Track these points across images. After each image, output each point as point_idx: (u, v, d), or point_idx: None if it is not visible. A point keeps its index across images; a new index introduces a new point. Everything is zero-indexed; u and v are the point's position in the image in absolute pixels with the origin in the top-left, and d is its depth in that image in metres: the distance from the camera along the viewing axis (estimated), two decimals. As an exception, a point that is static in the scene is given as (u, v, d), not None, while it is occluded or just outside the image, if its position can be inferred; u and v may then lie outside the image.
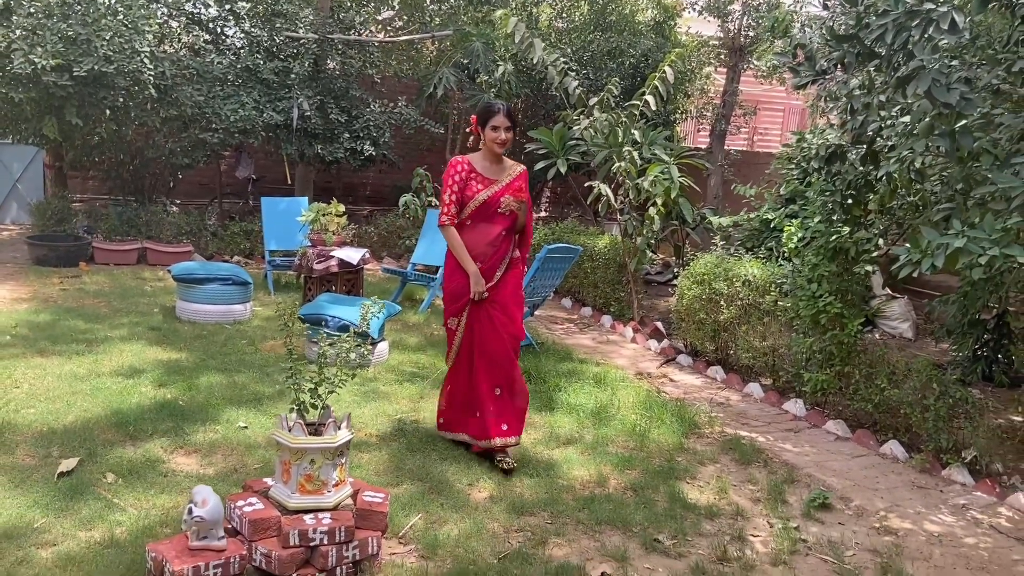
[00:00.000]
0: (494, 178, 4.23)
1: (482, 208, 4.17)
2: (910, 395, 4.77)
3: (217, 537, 2.93)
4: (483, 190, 4.18)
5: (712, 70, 12.27)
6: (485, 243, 4.17)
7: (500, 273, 4.22)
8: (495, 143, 4.16)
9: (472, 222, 4.20)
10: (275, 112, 9.56)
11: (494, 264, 4.20)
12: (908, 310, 7.91)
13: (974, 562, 3.60)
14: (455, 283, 4.23)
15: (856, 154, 4.50)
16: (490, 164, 4.25)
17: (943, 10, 2.76)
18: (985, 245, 2.95)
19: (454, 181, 4.16)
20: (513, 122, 4.17)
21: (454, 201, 4.16)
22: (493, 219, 4.19)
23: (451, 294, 4.26)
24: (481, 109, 4.25)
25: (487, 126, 4.16)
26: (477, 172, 4.20)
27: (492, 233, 4.19)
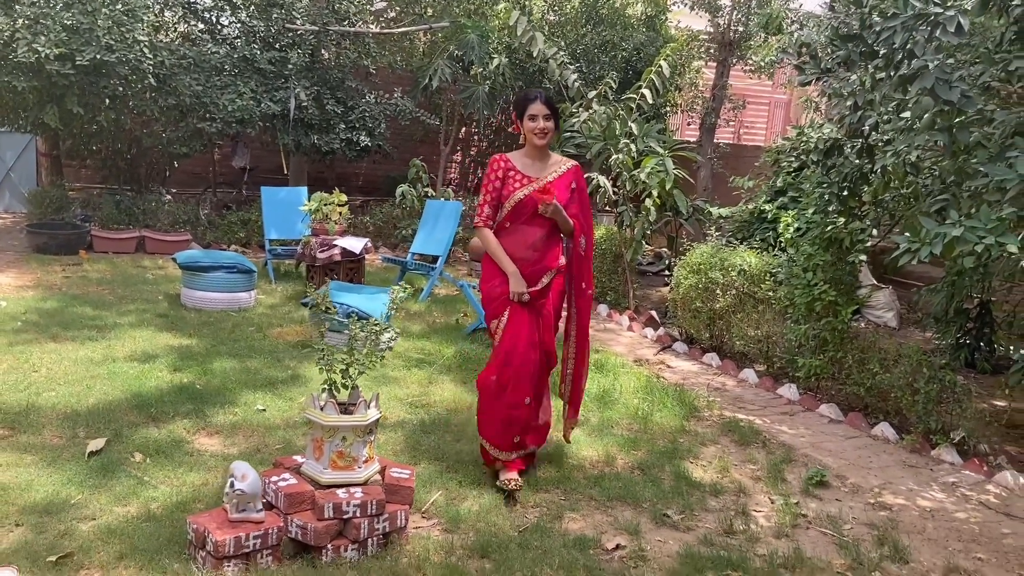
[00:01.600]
0: (535, 176, 3.86)
1: (518, 208, 3.82)
2: (900, 379, 4.99)
3: (256, 510, 3.07)
4: (520, 189, 3.82)
5: (702, 64, 12.47)
6: (526, 246, 3.84)
7: (547, 280, 3.89)
8: (534, 134, 3.80)
9: (511, 224, 3.86)
10: (272, 102, 9.63)
11: (539, 270, 3.86)
12: (893, 300, 8.17)
13: (965, 535, 3.81)
14: (491, 283, 3.90)
15: (852, 148, 4.70)
16: (532, 161, 3.88)
17: (950, 14, 2.95)
18: (981, 234, 3.14)
19: (490, 180, 3.86)
20: (553, 110, 3.81)
21: (488, 202, 3.85)
22: (532, 220, 3.83)
23: (488, 294, 3.94)
24: (517, 99, 3.95)
25: (524, 116, 3.82)
26: (516, 170, 3.86)
27: (532, 236, 3.84)
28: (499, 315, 3.88)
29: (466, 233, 10.04)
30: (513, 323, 3.84)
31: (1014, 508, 4.13)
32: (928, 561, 3.51)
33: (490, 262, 3.93)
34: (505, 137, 13.18)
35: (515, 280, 3.80)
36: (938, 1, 3.00)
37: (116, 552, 3.02)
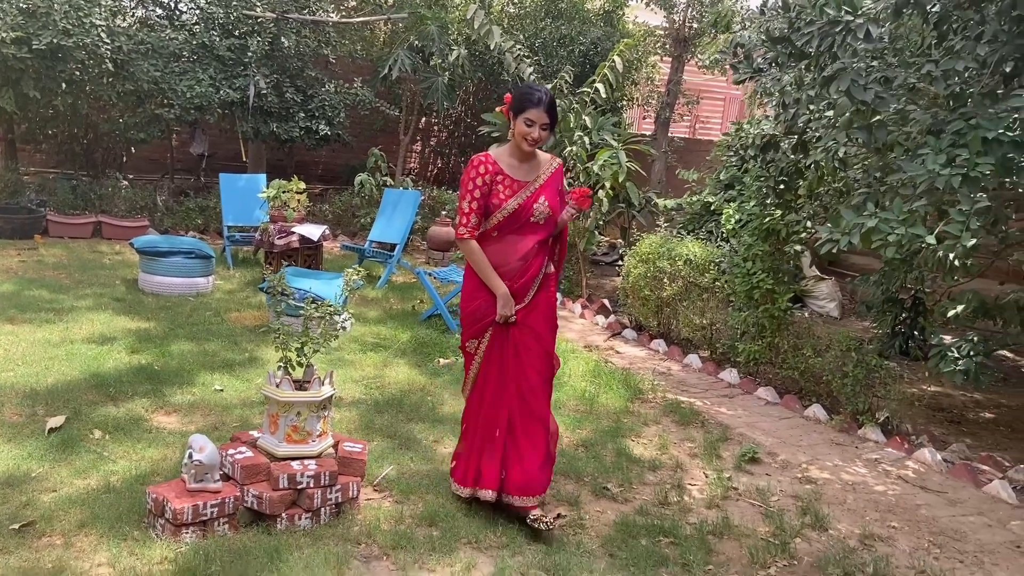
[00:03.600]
0: (525, 180, 3.46)
1: (511, 218, 3.42)
2: (831, 363, 5.29)
3: (213, 480, 3.22)
4: (512, 197, 3.41)
5: (658, 59, 12.74)
6: (516, 259, 3.45)
7: (533, 293, 3.51)
8: (524, 140, 3.38)
9: (499, 234, 3.46)
10: (231, 89, 9.66)
11: (527, 283, 3.48)
12: (835, 290, 8.53)
13: (882, 506, 4.10)
14: (477, 303, 3.50)
15: (788, 144, 4.97)
16: (519, 162, 3.47)
17: (859, 21, 3.20)
18: (894, 225, 3.41)
19: (475, 186, 3.41)
20: (553, 119, 3.40)
21: (475, 210, 3.41)
22: (525, 230, 3.45)
23: (471, 315, 3.54)
24: (518, 94, 3.46)
25: (520, 116, 3.37)
26: (504, 174, 3.44)
27: (524, 247, 3.45)
28: (479, 336, 3.54)
29: (424, 222, 10.19)
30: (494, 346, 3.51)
31: (929, 482, 4.44)
32: (846, 529, 3.79)
33: (475, 278, 3.52)
34: (464, 128, 13.33)
35: (504, 302, 3.43)
36: (849, 9, 3.25)
37: (77, 521, 3.15)
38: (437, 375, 5.45)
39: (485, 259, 3.46)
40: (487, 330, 3.51)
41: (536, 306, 3.53)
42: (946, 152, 3.32)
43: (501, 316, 3.45)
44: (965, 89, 3.69)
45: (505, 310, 3.44)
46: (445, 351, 5.93)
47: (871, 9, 3.39)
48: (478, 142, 12.52)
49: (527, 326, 3.51)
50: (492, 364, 3.53)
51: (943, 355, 4.31)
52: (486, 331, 3.52)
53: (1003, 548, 3.72)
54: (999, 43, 3.51)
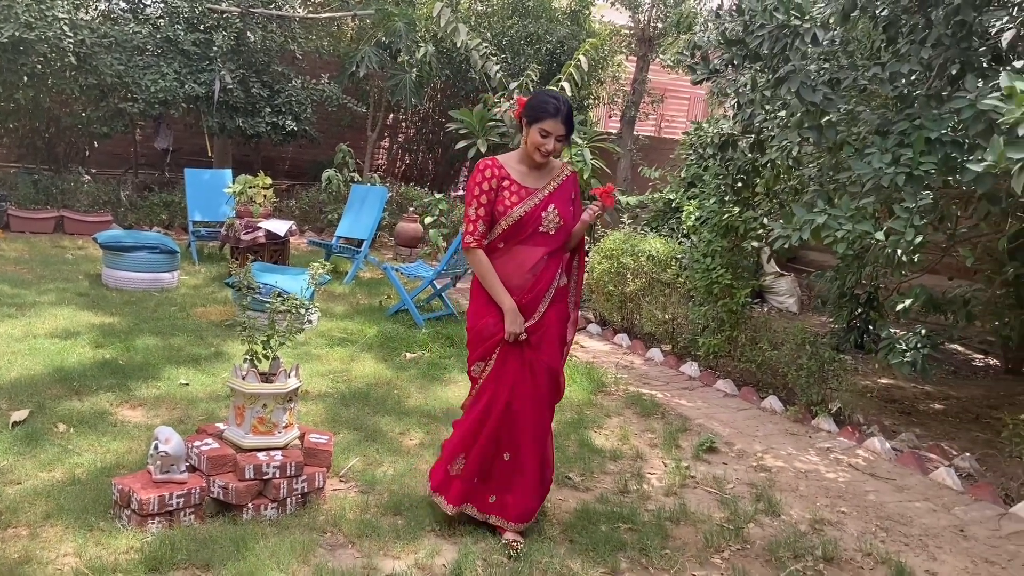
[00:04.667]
0: (534, 187, 3.27)
1: (517, 227, 3.23)
2: (787, 356, 5.45)
3: (179, 471, 3.26)
4: (518, 204, 3.22)
5: (623, 58, 12.89)
6: (524, 271, 3.25)
7: (544, 308, 3.28)
8: (537, 151, 3.20)
9: (505, 245, 3.26)
10: (196, 84, 9.60)
11: (536, 297, 3.26)
12: (794, 286, 8.73)
13: (833, 492, 4.26)
14: (484, 320, 3.28)
15: (745, 143, 5.11)
16: (528, 169, 3.29)
17: (807, 26, 3.33)
18: (842, 221, 3.55)
19: (481, 191, 3.21)
20: (569, 130, 3.22)
21: (481, 217, 3.22)
22: (533, 240, 3.25)
23: (478, 334, 3.32)
24: (533, 101, 3.25)
25: (534, 126, 3.18)
26: (511, 179, 3.25)
27: (532, 258, 3.25)
28: (486, 357, 3.32)
29: (391, 219, 10.23)
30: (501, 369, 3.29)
31: (878, 470, 4.60)
32: (798, 514, 3.93)
33: (481, 292, 3.32)
34: (432, 125, 13.38)
35: (512, 318, 3.21)
36: (797, 14, 3.39)
37: (43, 512, 3.17)
38: (404, 369, 5.51)
39: (492, 270, 3.24)
40: (495, 350, 3.28)
41: (546, 323, 3.30)
42: (892, 151, 3.46)
43: (510, 334, 3.21)
44: (911, 91, 3.85)
45: (514, 327, 3.20)
46: (412, 345, 6.00)
47: (820, 13, 3.53)
48: (445, 139, 12.60)
49: (535, 346, 3.28)
50: (502, 386, 3.27)
51: (892, 347, 4.47)
52: (493, 351, 3.28)
53: (947, 532, 3.89)
54: (943, 47, 3.66)
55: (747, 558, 3.45)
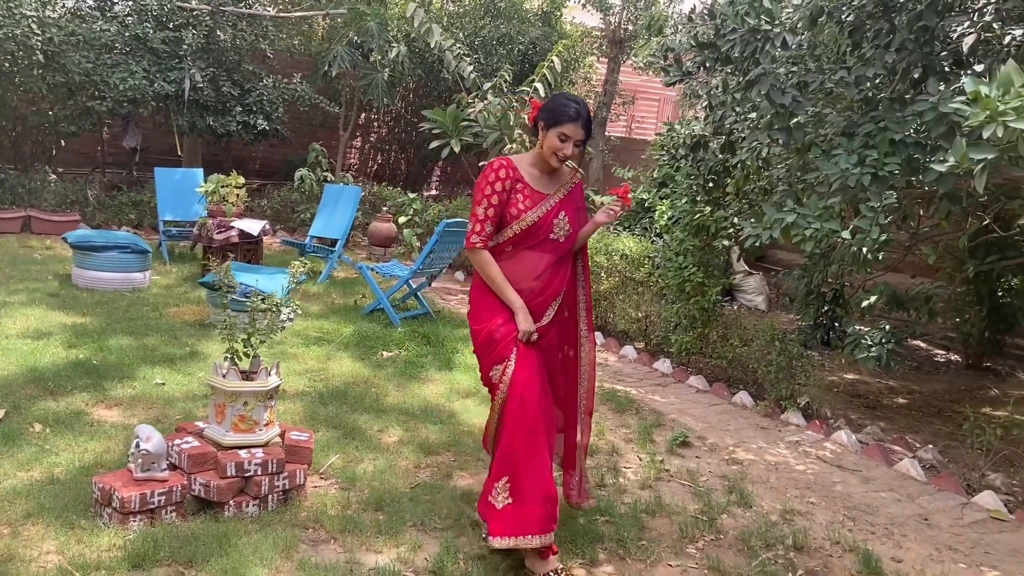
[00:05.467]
0: (545, 192, 3.19)
1: (528, 233, 3.13)
2: (757, 353, 5.57)
3: (160, 469, 3.27)
4: (531, 209, 3.12)
5: (595, 60, 13.01)
6: (531, 278, 3.17)
7: (552, 313, 3.22)
8: (555, 155, 3.11)
9: (513, 249, 3.16)
10: (166, 82, 9.53)
11: (545, 301, 3.19)
12: (762, 285, 8.90)
13: (801, 483, 4.38)
14: (493, 323, 3.15)
15: (716, 144, 5.23)
16: (541, 173, 3.20)
17: (777, 31, 3.44)
18: (811, 220, 3.66)
19: (494, 191, 3.10)
20: (588, 135, 3.14)
21: (490, 217, 3.11)
22: (542, 247, 3.17)
23: (487, 339, 3.17)
24: (551, 105, 3.15)
25: (553, 129, 3.08)
26: (524, 182, 3.15)
27: (540, 265, 3.17)
28: (504, 359, 3.12)
29: (365, 218, 10.23)
30: (523, 366, 3.10)
31: (845, 461, 4.74)
32: (768, 505, 4.04)
33: (486, 295, 3.21)
34: (405, 125, 13.38)
35: (524, 316, 3.11)
36: (767, 19, 3.49)
37: (23, 511, 3.16)
38: (381, 367, 5.54)
39: (499, 270, 3.13)
40: (511, 353, 3.10)
41: (555, 326, 3.26)
42: (857, 152, 3.58)
43: (524, 333, 3.10)
44: (876, 94, 3.97)
45: (527, 324, 3.10)
46: (388, 344, 6.03)
47: (790, 18, 3.64)
48: (418, 139, 12.61)
49: (549, 345, 3.25)
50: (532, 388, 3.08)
51: (857, 343, 4.61)
52: (510, 354, 3.10)
53: (911, 520, 4.02)
54: (906, 51, 3.79)
55: (720, 548, 3.54)
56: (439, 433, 4.50)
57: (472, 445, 4.38)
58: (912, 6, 3.70)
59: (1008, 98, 2.13)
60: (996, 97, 2.15)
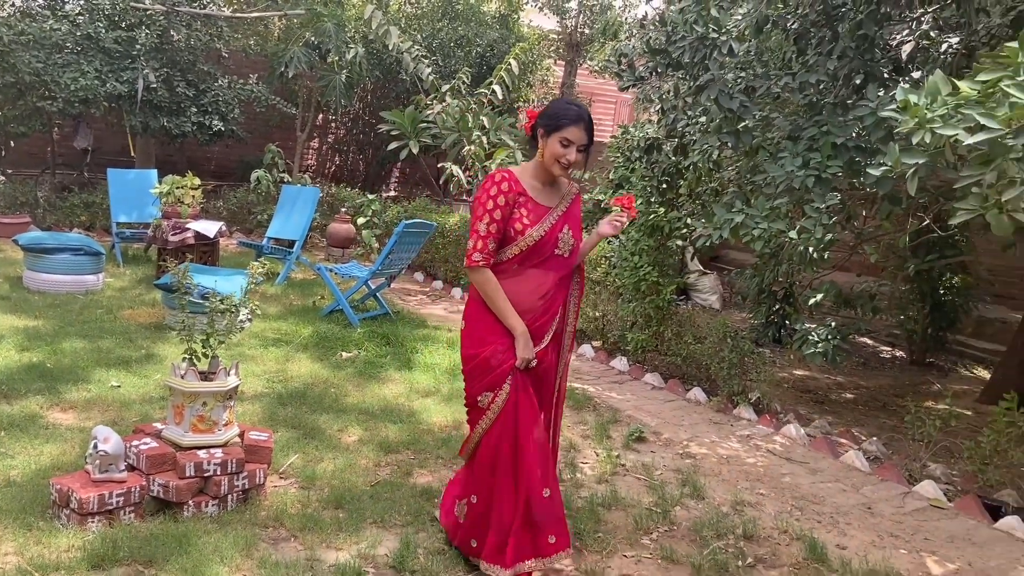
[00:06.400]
0: (548, 205, 3.01)
1: (534, 250, 2.96)
2: (710, 350, 5.72)
3: (118, 470, 3.27)
4: (535, 225, 2.94)
5: (552, 63, 13.14)
6: (536, 297, 2.99)
7: (550, 336, 3.06)
8: (558, 162, 2.91)
9: (519, 267, 2.98)
10: (118, 82, 9.40)
11: (546, 323, 3.03)
12: (717, 284, 9.10)
13: (752, 476, 4.52)
14: (489, 348, 2.97)
15: (669, 146, 5.36)
16: (542, 185, 3.01)
17: (723, 39, 3.57)
18: (758, 220, 3.80)
19: (496, 205, 2.90)
20: (590, 139, 2.94)
21: (492, 234, 2.91)
22: (547, 263, 2.99)
23: (483, 364, 2.99)
24: (551, 110, 2.98)
25: (554, 135, 2.89)
26: (527, 196, 2.96)
27: (547, 283, 3.00)
28: (496, 387, 2.98)
29: (323, 219, 10.20)
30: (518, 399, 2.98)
31: (794, 454, 4.90)
32: (720, 497, 4.16)
33: (485, 316, 3.01)
34: (363, 126, 13.36)
35: (524, 343, 2.95)
36: (715, 28, 3.62)
37: (-22, 514, 3.14)
38: (340, 368, 5.56)
39: (502, 291, 2.94)
40: (505, 380, 2.96)
41: (552, 350, 3.11)
42: (802, 155, 3.73)
43: (522, 361, 2.95)
44: (820, 99, 4.13)
45: (527, 352, 2.94)
46: (347, 345, 6.05)
47: (737, 24, 3.77)
48: (377, 140, 12.60)
49: (545, 372, 3.10)
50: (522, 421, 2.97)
51: (805, 339, 4.77)
52: (503, 381, 2.96)
53: (855, 509, 4.18)
54: (847, 58, 3.95)
55: (674, 538, 3.65)
56: (399, 432, 4.55)
57: (431, 443, 4.44)
58: (853, 15, 3.85)
59: (935, 106, 2.27)
60: (924, 105, 2.29)
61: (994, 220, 2.16)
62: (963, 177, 2.21)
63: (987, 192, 2.11)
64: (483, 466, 3.05)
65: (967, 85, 2.22)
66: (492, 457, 3.02)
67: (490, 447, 3.02)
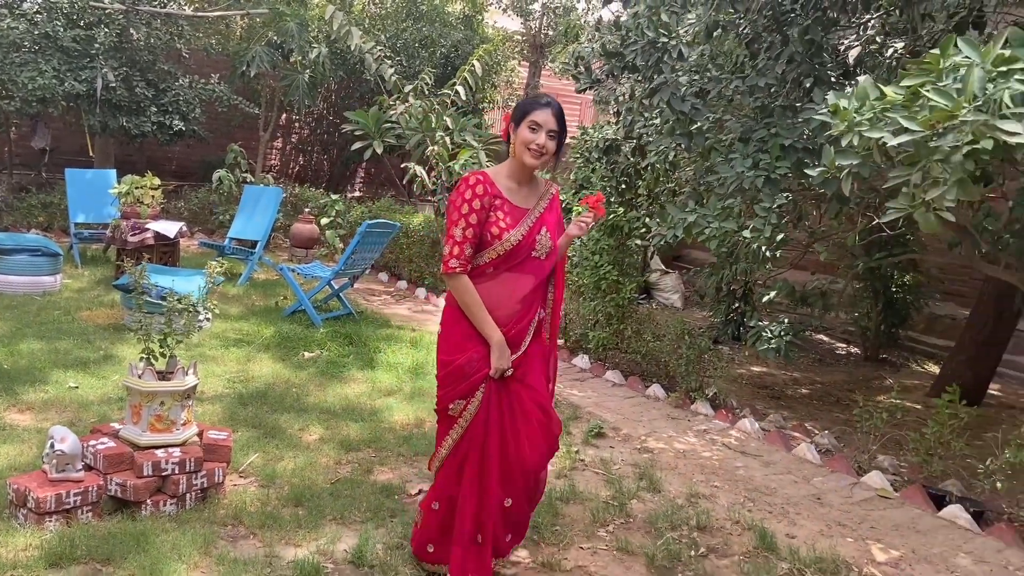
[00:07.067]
0: (525, 206, 2.94)
1: (512, 253, 2.89)
2: (668, 347, 5.83)
3: (76, 470, 3.27)
4: (513, 228, 2.87)
5: (516, 64, 13.22)
6: (514, 301, 2.92)
7: (529, 339, 2.97)
8: (529, 149, 2.83)
9: (495, 271, 2.91)
10: (77, 81, 9.28)
11: (523, 329, 2.95)
12: (678, 283, 9.24)
13: (708, 469, 4.62)
14: (465, 356, 2.91)
15: (628, 147, 5.46)
16: (519, 185, 2.94)
17: (673, 43, 3.67)
18: (710, 220, 3.90)
19: (471, 209, 2.83)
20: (562, 127, 2.90)
21: (469, 239, 2.83)
22: (524, 266, 2.92)
23: (457, 371, 2.93)
24: (520, 102, 2.99)
25: (523, 123, 2.86)
26: (503, 198, 2.88)
27: (524, 286, 2.93)
28: (467, 396, 2.93)
29: (286, 220, 10.16)
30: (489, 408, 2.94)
31: (748, 448, 5.02)
32: (676, 490, 4.26)
33: (460, 322, 2.95)
34: (327, 126, 13.32)
35: (499, 352, 2.88)
36: (665, 32, 3.72)
37: (-69, 516, 3.12)
38: (302, 368, 5.58)
39: (479, 299, 2.87)
40: (478, 388, 2.91)
41: (530, 357, 2.99)
42: (752, 157, 3.84)
43: (496, 370, 2.89)
44: (771, 102, 4.25)
45: (502, 362, 2.88)
46: (310, 345, 6.06)
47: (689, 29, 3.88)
48: (341, 140, 12.58)
49: (522, 381, 2.97)
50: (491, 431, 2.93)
51: (759, 336, 4.89)
52: (476, 390, 2.91)
53: (805, 500, 4.30)
54: (796, 63, 4.07)
55: (629, 530, 3.74)
56: (360, 430, 4.58)
57: (393, 441, 4.48)
58: (801, 21, 3.97)
59: (864, 110, 2.37)
60: (854, 109, 2.39)
61: (921, 218, 2.27)
62: (892, 177, 2.33)
63: (914, 191, 2.22)
64: (449, 474, 3.02)
65: (892, 90, 2.33)
66: (459, 465, 2.99)
67: (458, 455, 2.98)
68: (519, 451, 2.94)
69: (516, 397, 2.95)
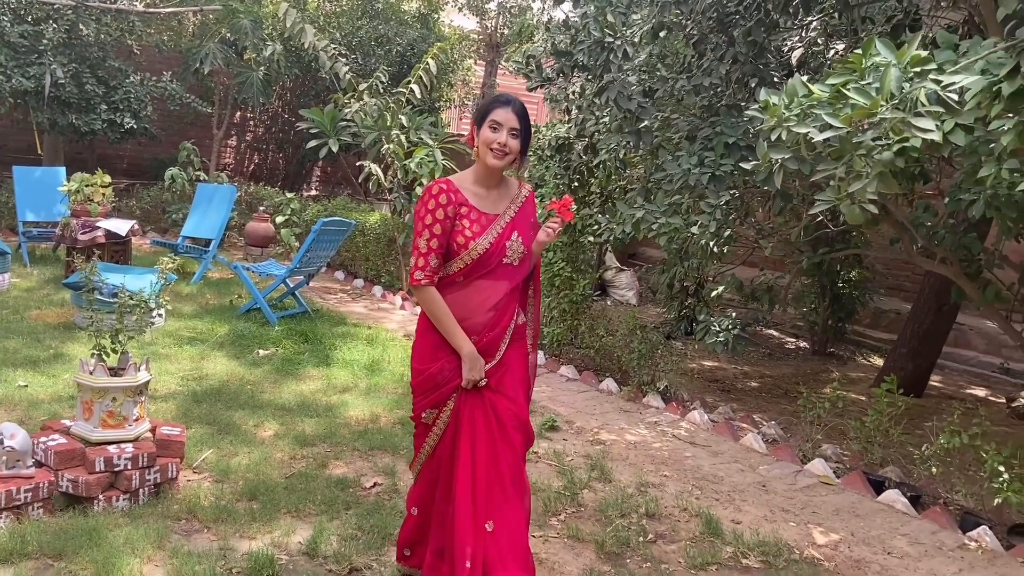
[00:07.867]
0: (494, 212, 2.83)
1: (480, 262, 2.78)
2: (621, 342, 5.95)
3: (26, 467, 3.25)
4: (480, 235, 2.77)
5: (472, 63, 13.27)
6: (486, 308, 2.81)
7: (504, 347, 2.86)
8: (490, 149, 2.73)
9: (465, 279, 2.81)
10: (24, 78, 9.10)
11: (497, 336, 2.84)
12: (633, 280, 9.39)
13: (658, 459, 4.74)
14: (437, 365, 2.82)
15: (580, 145, 5.56)
16: (486, 189, 2.84)
17: (618, 43, 3.77)
18: (658, 216, 4.01)
19: (435, 219, 2.74)
20: (525, 127, 2.80)
21: (434, 250, 2.74)
22: (496, 273, 2.82)
23: (429, 381, 2.85)
24: (481, 104, 2.93)
25: (484, 123, 2.76)
26: (470, 205, 2.79)
27: (496, 294, 2.82)
28: (440, 405, 2.87)
29: (241, 219, 10.09)
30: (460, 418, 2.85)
31: (697, 439, 5.15)
32: (626, 480, 4.37)
33: (431, 332, 2.85)
34: (282, 124, 13.23)
35: (471, 363, 2.78)
36: (610, 32, 3.82)
37: None
38: (257, 365, 5.57)
39: (447, 310, 2.78)
40: (450, 397, 2.84)
41: (507, 364, 2.88)
42: (698, 154, 3.95)
43: (467, 380, 2.80)
44: (716, 101, 4.38)
45: (473, 373, 2.78)
46: (265, 343, 6.05)
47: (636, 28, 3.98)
48: (296, 138, 12.51)
49: (498, 390, 2.86)
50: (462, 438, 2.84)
51: (707, 330, 5.03)
52: (449, 398, 2.84)
53: (751, 487, 4.44)
54: (739, 63, 4.20)
55: (580, 518, 3.83)
56: (315, 426, 4.60)
57: (348, 436, 4.51)
58: (744, 22, 4.10)
59: (792, 106, 2.49)
60: (783, 105, 2.51)
61: (847, 210, 2.40)
62: (819, 171, 2.45)
63: (839, 184, 2.35)
64: (425, 483, 3.00)
65: (819, 88, 2.45)
66: (434, 474, 2.95)
67: (432, 465, 2.95)
68: (497, 467, 2.81)
69: (492, 407, 2.84)
